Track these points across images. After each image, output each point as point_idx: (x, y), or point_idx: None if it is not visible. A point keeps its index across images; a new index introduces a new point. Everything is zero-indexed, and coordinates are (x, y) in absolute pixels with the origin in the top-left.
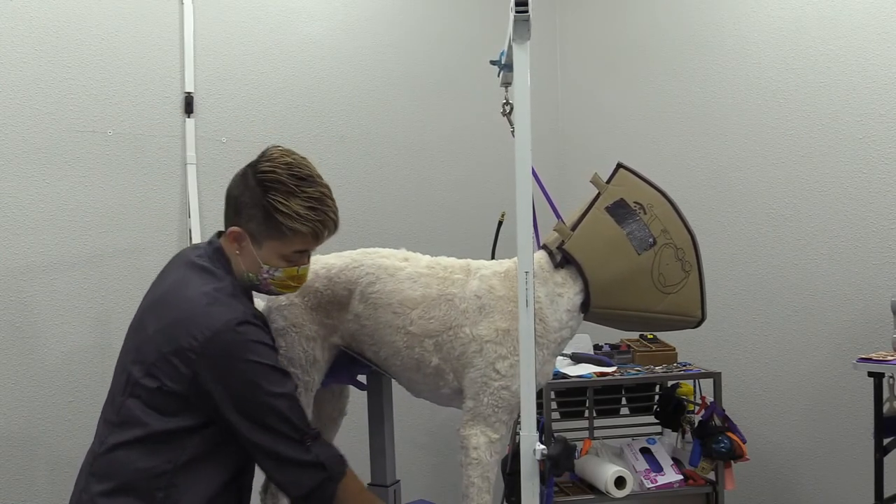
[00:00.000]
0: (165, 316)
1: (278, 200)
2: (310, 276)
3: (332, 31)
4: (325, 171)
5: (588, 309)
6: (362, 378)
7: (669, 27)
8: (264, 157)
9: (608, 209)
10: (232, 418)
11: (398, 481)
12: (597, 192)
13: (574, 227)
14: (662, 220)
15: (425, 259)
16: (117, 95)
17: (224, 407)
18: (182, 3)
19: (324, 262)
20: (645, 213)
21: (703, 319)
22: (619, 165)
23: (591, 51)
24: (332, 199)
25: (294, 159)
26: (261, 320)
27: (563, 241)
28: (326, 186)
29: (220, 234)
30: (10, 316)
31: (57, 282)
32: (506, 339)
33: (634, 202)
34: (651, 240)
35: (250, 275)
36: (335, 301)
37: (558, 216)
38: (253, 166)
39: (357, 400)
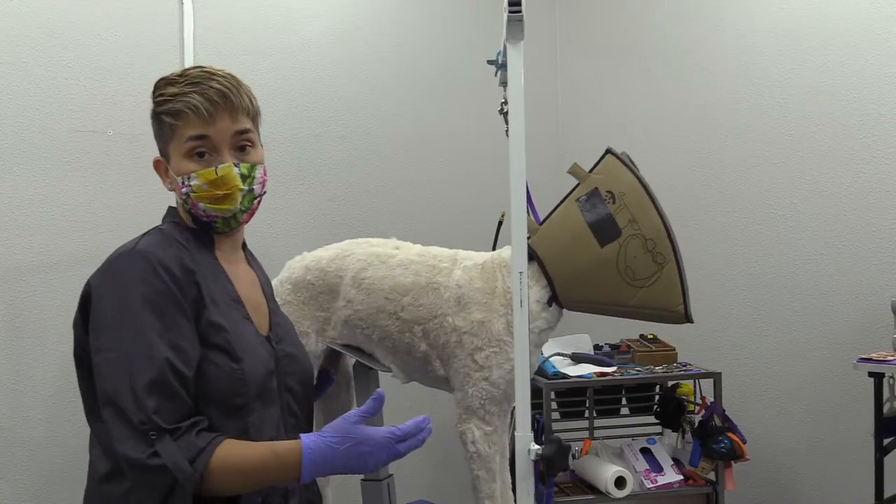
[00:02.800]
0: None
1: (157, 97)
2: (301, 270)
3: (332, 31)
4: (325, 170)
5: (560, 302)
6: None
7: (669, 27)
8: None
9: (580, 200)
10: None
11: (391, 475)
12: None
13: (543, 222)
14: (631, 208)
15: (416, 248)
16: (117, 95)
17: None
18: (182, 3)
19: (313, 255)
20: (614, 203)
21: (687, 314)
22: (608, 151)
23: (591, 51)
24: (219, 72)
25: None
26: (173, 258)
27: (528, 236)
28: (215, 71)
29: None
30: (10, 316)
31: (57, 282)
32: (481, 330)
33: (607, 191)
34: (616, 231)
35: (181, 202)
36: (327, 290)
37: (534, 213)
38: None
39: None
